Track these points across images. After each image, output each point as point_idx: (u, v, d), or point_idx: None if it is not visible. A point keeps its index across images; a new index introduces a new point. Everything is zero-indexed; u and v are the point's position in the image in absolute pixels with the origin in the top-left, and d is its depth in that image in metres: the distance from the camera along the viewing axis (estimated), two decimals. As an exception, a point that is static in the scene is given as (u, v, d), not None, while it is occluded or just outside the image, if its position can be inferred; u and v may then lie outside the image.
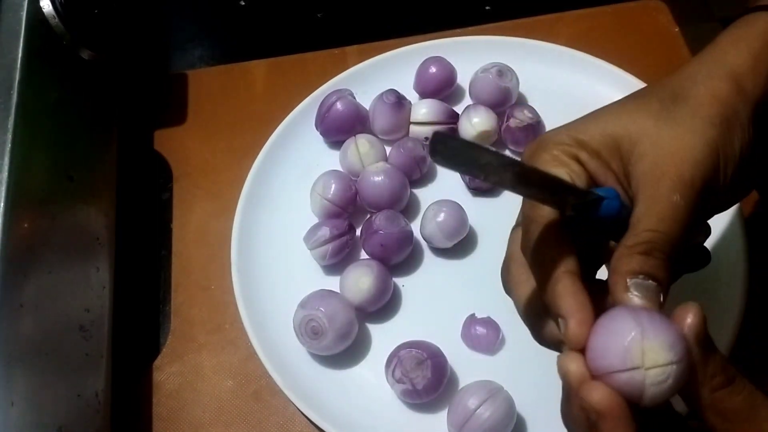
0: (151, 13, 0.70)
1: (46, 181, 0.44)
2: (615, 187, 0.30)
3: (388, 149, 0.55)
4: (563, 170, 0.30)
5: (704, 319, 0.26)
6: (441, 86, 0.58)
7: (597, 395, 0.25)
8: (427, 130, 0.55)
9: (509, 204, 0.35)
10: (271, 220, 0.54)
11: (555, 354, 0.28)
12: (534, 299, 0.30)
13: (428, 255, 0.52)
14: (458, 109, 0.56)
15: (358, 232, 0.52)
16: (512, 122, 0.54)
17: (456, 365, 0.47)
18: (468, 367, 0.47)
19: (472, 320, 0.48)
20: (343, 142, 0.55)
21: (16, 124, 0.41)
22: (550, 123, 0.55)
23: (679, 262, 0.29)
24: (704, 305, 0.46)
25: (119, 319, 0.49)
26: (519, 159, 0.29)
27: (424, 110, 0.55)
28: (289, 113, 0.57)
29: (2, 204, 0.39)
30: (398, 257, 0.50)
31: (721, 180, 0.30)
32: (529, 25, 0.63)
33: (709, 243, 0.34)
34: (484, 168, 0.23)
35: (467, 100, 0.59)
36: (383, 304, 0.49)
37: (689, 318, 0.26)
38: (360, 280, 0.48)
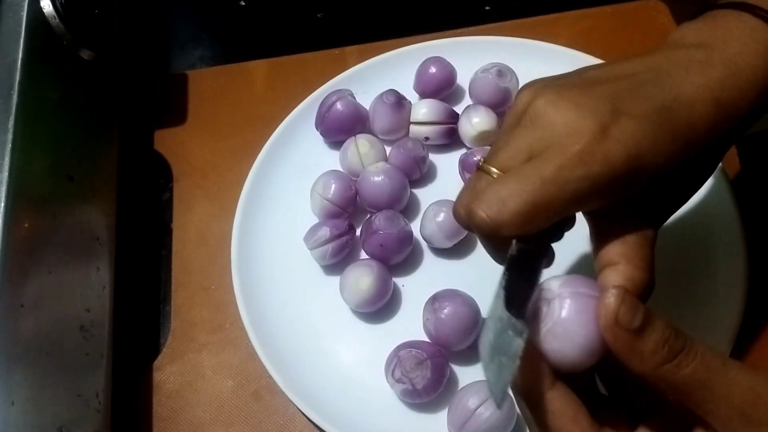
0: (151, 13, 0.70)
1: (46, 181, 0.44)
2: None
3: (388, 149, 0.55)
4: None
5: (622, 300, 0.26)
6: (441, 86, 0.58)
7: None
8: (427, 130, 0.55)
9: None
10: (271, 220, 0.54)
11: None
12: None
13: (428, 255, 0.52)
14: (458, 109, 0.56)
15: (358, 232, 0.52)
16: (512, 122, 0.54)
17: (456, 365, 0.48)
18: (468, 367, 0.48)
19: (472, 320, 0.48)
20: (343, 142, 0.55)
21: (16, 124, 0.41)
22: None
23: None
24: (704, 305, 0.46)
25: (119, 319, 0.49)
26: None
27: (424, 110, 0.55)
28: (289, 113, 0.57)
29: (2, 204, 0.39)
30: (398, 257, 0.51)
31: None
32: (529, 25, 0.63)
33: (708, 242, 0.34)
34: None
35: (467, 100, 0.59)
36: (383, 304, 0.49)
37: (605, 301, 0.26)
38: (360, 280, 0.48)
